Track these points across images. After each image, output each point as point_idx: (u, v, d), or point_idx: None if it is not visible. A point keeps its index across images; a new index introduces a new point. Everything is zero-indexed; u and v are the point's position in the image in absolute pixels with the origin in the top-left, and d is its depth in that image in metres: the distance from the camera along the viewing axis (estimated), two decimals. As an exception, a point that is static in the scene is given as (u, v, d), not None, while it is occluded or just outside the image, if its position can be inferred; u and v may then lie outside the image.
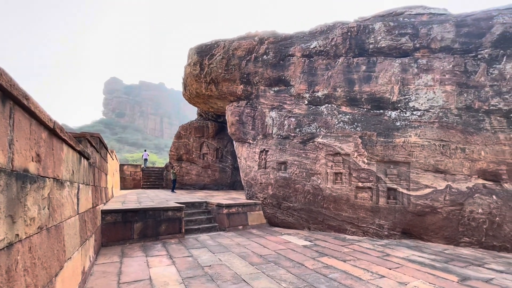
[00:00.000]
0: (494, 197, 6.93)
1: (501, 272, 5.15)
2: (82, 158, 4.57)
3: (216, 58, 11.84)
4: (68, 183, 3.51)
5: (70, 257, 3.47)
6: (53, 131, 2.77)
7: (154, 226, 7.44)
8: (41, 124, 2.48)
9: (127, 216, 7.13)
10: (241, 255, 6.02)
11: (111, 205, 7.92)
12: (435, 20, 8.75)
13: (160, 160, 50.65)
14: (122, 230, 6.96)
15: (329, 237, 8.13)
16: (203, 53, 12.36)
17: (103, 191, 7.81)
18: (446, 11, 9.31)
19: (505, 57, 7.55)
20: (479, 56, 7.88)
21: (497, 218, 6.81)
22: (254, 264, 5.42)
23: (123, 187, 18.41)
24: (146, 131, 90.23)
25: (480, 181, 7.20)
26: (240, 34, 12.57)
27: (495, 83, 7.51)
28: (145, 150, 25.03)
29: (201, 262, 5.51)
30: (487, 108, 7.46)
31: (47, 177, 2.63)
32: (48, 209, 2.66)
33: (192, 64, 12.61)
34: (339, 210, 8.66)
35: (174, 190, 15.81)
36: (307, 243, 7.31)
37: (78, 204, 4.10)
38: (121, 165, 19.00)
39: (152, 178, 20.52)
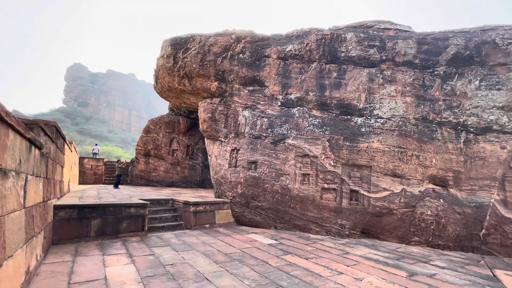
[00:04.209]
0: (441, 200, 7.66)
1: (443, 268, 5.70)
2: (33, 147, 4.16)
3: (191, 52, 11.54)
4: (13, 173, 3.17)
5: (12, 255, 3.13)
6: (-3, 114, 2.48)
7: (114, 223, 7.03)
8: (-19, 104, 2.20)
9: (84, 212, 6.63)
10: (206, 254, 5.93)
11: (66, 200, 7.32)
12: (400, 35, 9.44)
13: (126, 155, 48.07)
14: (77, 227, 6.46)
15: (294, 236, 8.35)
16: (178, 46, 11.98)
17: (58, 184, 7.19)
18: (410, 29, 10.09)
19: (456, 75, 8.39)
20: (436, 72, 8.66)
21: (443, 220, 7.53)
22: (218, 262, 5.37)
23: (83, 182, 17.13)
24: (111, 123, 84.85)
25: (431, 185, 7.91)
26: (217, 30, 12.39)
27: (447, 98, 8.31)
28: (96, 144, 23.58)
29: (163, 260, 5.32)
30: (439, 120, 8.22)
31: (-14, 165, 2.34)
32: (-14, 200, 2.37)
33: (166, 56, 12.16)
34: (305, 210, 8.93)
35: (119, 186, 14.55)
36: (273, 241, 7.43)
37: (25, 197, 3.72)
38: (81, 158, 17.68)
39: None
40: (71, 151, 11.13)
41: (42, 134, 4.98)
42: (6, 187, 2.92)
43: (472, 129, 7.84)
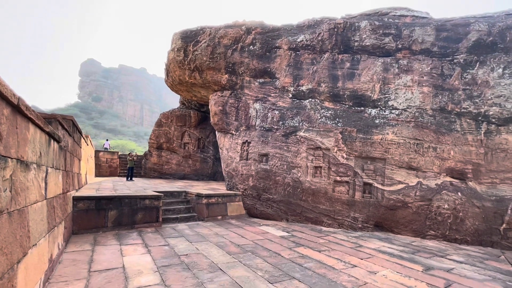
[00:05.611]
0: (459, 194, 7.42)
1: (461, 262, 5.56)
2: (52, 141, 4.29)
3: (201, 45, 11.50)
4: (34, 165, 3.28)
5: (36, 244, 3.27)
6: (17, 108, 2.54)
7: (130, 214, 7.22)
8: (3, 99, 2.26)
9: (101, 203, 6.85)
10: (219, 245, 6.02)
11: (84, 192, 7.57)
12: (417, 22, 9.04)
13: (139, 148, 49.14)
14: (95, 218, 6.69)
15: (306, 228, 8.34)
16: (188, 39, 11.95)
17: (76, 177, 7.43)
18: (428, 15, 9.63)
19: (478, 63, 7.98)
20: (455, 60, 8.27)
21: (461, 214, 7.31)
22: (231, 253, 5.44)
23: (98, 174, 17.67)
24: (125, 117, 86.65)
25: (448, 178, 7.67)
26: (227, 22, 12.26)
27: (468, 87, 7.94)
28: (107, 140, 24.73)
29: (177, 251, 5.44)
30: (458, 110, 7.89)
31: (9, 157, 2.43)
32: (10, 191, 2.47)
33: (176, 49, 12.17)
34: (317, 203, 8.88)
35: (133, 179, 15.06)
36: (285, 234, 7.46)
37: (46, 188, 3.86)
38: (97, 151, 18.18)
39: (130, 166, 19.81)
40: (87, 145, 11.45)
41: (60, 128, 5.12)
42: (28, 179, 3.03)
43: (494, 120, 7.49)
